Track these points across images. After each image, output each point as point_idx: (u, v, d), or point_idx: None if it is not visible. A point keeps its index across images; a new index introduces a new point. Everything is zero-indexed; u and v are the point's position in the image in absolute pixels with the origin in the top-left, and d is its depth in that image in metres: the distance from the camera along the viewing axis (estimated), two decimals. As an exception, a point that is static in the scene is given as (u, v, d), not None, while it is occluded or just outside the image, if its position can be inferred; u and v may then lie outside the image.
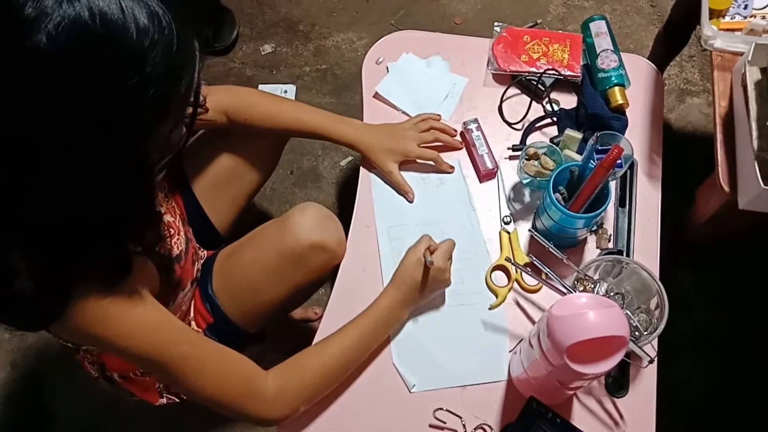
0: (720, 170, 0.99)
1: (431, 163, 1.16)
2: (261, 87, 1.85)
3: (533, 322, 1.05)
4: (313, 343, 1.01)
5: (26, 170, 0.60)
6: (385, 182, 1.16)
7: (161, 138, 0.67)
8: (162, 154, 0.71)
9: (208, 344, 0.87)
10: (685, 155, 1.38)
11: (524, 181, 1.13)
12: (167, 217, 0.98)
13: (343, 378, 0.97)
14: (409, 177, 1.16)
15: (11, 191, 0.61)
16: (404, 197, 1.15)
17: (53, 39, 0.55)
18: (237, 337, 1.11)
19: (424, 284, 1.00)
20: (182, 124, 0.71)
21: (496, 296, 1.07)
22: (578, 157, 1.07)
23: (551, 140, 1.17)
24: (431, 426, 0.97)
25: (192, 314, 1.09)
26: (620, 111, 1.18)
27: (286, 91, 1.85)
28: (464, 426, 0.97)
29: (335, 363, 0.94)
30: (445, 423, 0.97)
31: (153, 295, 0.87)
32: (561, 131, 1.17)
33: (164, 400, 1.07)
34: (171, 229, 0.97)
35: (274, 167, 1.28)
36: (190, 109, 0.70)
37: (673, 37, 1.56)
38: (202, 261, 1.12)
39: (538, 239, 1.03)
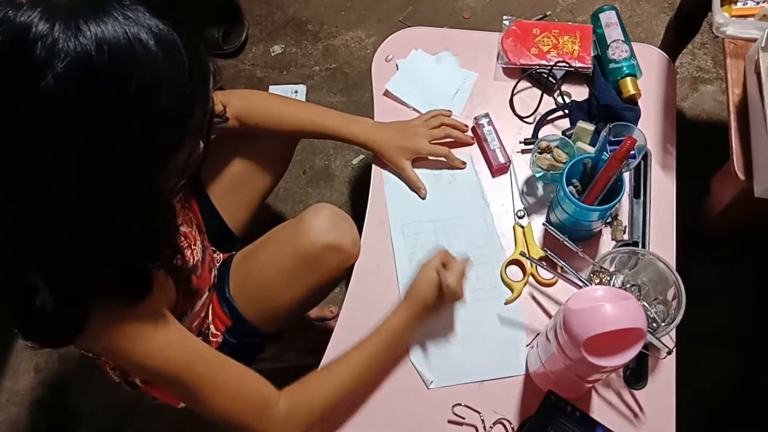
0: (735, 158, 0.98)
1: (443, 159, 1.16)
2: (272, 88, 1.86)
3: (549, 316, 1.05)
4: (330, 343, 1.01)
5: (40, 202, 0.60)
6: (398, 179, 1.17)
7: (179, 162, 0.67)
8: (181, 176, 0.71)
9: (224, 363, 0.86)
10: (699, 144, 1.37)
11: (537, 175, 1.13)
12: (183, 228, 0.99)
13: (355, 397, 0.97)
14: (422, 174, 1.16)
15: (27, 222, 0.61)
16: (417, 193, 1.15)
17: (62, 78, 0.54)
18: (255, 338, 1.12)
19: (438, 303, 0.99)
20: (199, 145, 0.71)
21: (512, 291, 1.07)
22: (591, 150, 1.07)
23: (563, 133, 1.17)
24: (450, 422, 0.98)
25: (210, 318, 1.10)
26: (632, 101, 1.17)
27: (296, 91, 1.86)
28: (483, 421, 0.97)
29: (346, 383, 0.93)
30: (464, 418, 0.97)
31: (171, 308, 0.89)
32: (573, 123, 1.17)
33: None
34: (188, 240, 0.98)
35: (286, 168, 1.29)
36: (205, 128, 0.70)
37: (685, 25, 1.55)
38: (218, 265, 1.14)
39: (553, 233, 1.03)
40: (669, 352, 0.93)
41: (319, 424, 0.92)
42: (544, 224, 1.08)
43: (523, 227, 1.11)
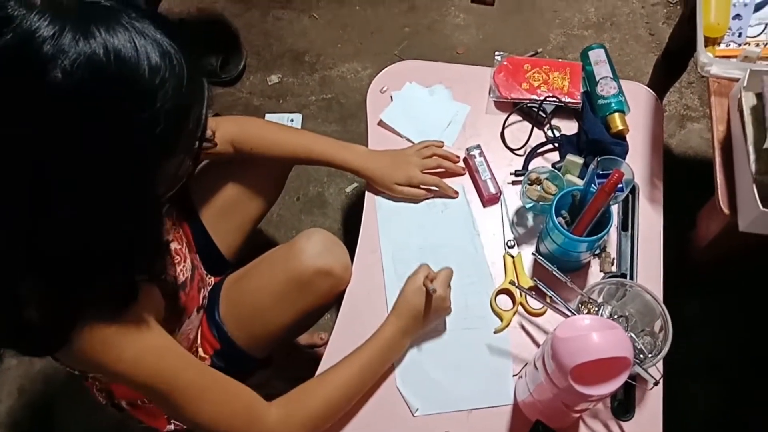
0: (719, 193, 1.01)
1: (435, 188, 1.18)
2: (268, 116, 1.89)
3: (538, 346, 1.05)
4: (318, 370, 1.01)
5: (35, 202, 0.62)
6: (390, 205, 1.18)
7: (168, 172, 0.69)
8: (168, 187, 0.73)
9: (210, 373, 0.87)
10: (686, 180, 1.40)
11: (527, 206, 1.15)
12: (174, 245, 0.99)
13: (347, 408, 0.97)
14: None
15: (19, 223, 0.63)
16: (413, 202, 1.18)
17: (69, 75, 0.57)
18: (244, 363, 1.12)
19: (426, 312, 1.00)
20: (189, 158, 0.73)
21: (501, 320, 1.07)
22: (580, 182, 1.09)
23: (553, 165, 1.19)
24: (438, 450, 0.98)
25: (199, 341, 1.10)
26: (621, 136, 1.20)
27: (292, 120, 1.88)
28: (471, 450, 0.97)
29: (339, 394, 0.94)
30: (451, 447, 0.97)
31: (158, 322, 0.89)
32: (562, 157, 1.19)
33: (172, 427, 1.07)
34: (177, 257, 0.99)
35: (279, 193, 1.30)
36: (197, 143, 0.72)
37: (672, 64, 1.59)
38: (209, 288, 1.14)
39: (542, 263, 1.05)
40: (656, 383, 0.94)
41: None
42: (533, 254, 1.10)
43: (513, 257, 1.12)
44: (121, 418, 1.08)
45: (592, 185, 1.02)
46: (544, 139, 1.24)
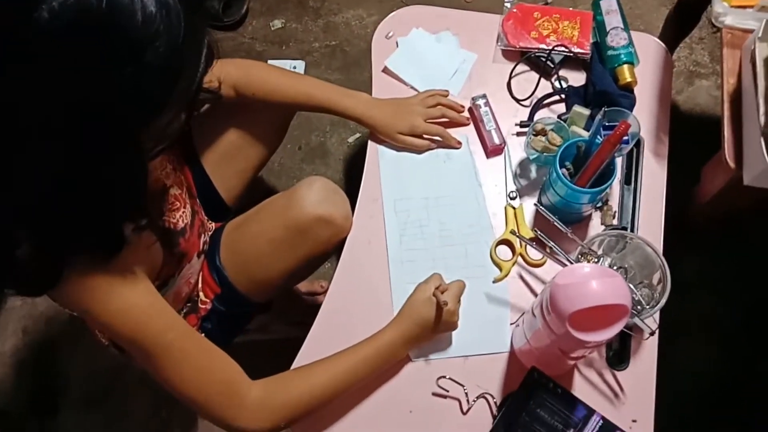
0: (726, 146, 1.00)
1: (438, 138, 1.17)
2: (270, 62, 1.85)
3: (536, 296, 1.06)
4: (316, 320, 1.02)
5: (14, 149, 0.59)
6: (393, 154, 1.17)
7: (157, 127, 0.66)
8: (157, 141, 0.70)
9: (195, 337, 0.85)
10: (692, 137, 1.38)
11: (531, 157, 1.14)
12: (174, 190, 0.99)
13: (330, 402, 0.93)
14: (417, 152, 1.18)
15: (8, 171, 0.61)
16: (416, 153, 1.16)
17: (56, 15, 0.53)
18: (244, 307, 1.13)
19: (435, 324, 0.96)
20: (181, 115, 0.69)
21: (501, 270, 1.08)
22: (585, 134, 1.08)
23: (559, 117, 1.18)
24: (434, 394, 0.99)
25: (200, 285, 1.10)
26: (629, 89, 1.18)
27: (295, 67, 1.86)
28: (467, 394, 0.98)
29: (324, 387, 0.91)
30: (447, 391, 0.99)
31: (156, 270, 0.88)
32: (569, 108, 1.18)
33: None
34: (177, 202, 0.98)
35: (281, 140, 1.29)
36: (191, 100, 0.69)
37: (684, 17, 1.56)
38: (210, 233, 1.14)
39: (544, 213, 1.04)
40: (652, 333, 0.95)
41: (288, 422, 0.89)
42: (535, 204, 1.10)
43: (514, 208, 1.12)
44: (122, 359, 1.10)
45: (598, 137, 1.01)
46: (551, 90, 1.22)
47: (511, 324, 1.04)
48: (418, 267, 1.08)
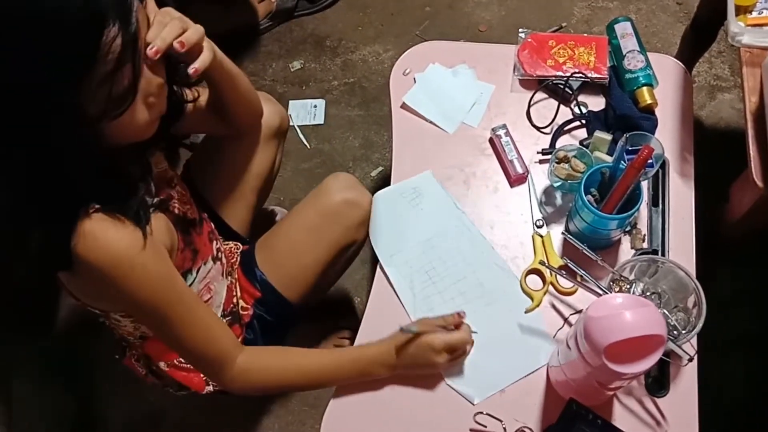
0: (753, 165, 0.99)
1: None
2: (291, 103, 1.89)
3: (570, 324, 1.05)
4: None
5: None
6: (380, 213, 1.18)
7: (94, 87, 0.66)
8: (107, 107, 0.69)
9: (201, 308, 0.92)
10: (718, 152, 1.37)
11: (555, 185, 1.14)
12: (180, 188, 1.03)
13: (303, 390, 1.02)
14: (385, 196, 1.18)
15: None
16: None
17: None
18: (284, 309, 1.17)
19: (419, 364, 0.98)
20: (116, 77, 0.68)
21: (532, 300, 1.07)
22: (608, 159, 1.08)
23: (581, 143, 1.18)
24: (472, 430, 0.99)
25: (240, 293, 1.17)
26: (649, 111, 1.18)
27: (315, 106, 1.89)
28: (505, 429, 0.97)
29: (299, 375, 1.00)
30: (485, 427, 0.98)
31: (174, 251, 0.93)
32: (590, 133, 1.18)
33: (210, 388, 1.11)
34: (180, 198, 1.01)
35: (275, 153, 1.28)
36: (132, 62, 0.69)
37: (701, 35, 1.55)
38: (238, 252, 1.20)
39: (572, 241, 1.04)
40: (690, 359, 0.93)
41: (262, 393, 0.98)
42: (563, 233, 1.09)
43: (542, 236, 1.12)
44: (162, 387, 1.13)
45: (622, 162, 1.01)
46: (571, 116, 1.22)
47: (548, 353, 1.03)
48: (438, 312, 1.03)
